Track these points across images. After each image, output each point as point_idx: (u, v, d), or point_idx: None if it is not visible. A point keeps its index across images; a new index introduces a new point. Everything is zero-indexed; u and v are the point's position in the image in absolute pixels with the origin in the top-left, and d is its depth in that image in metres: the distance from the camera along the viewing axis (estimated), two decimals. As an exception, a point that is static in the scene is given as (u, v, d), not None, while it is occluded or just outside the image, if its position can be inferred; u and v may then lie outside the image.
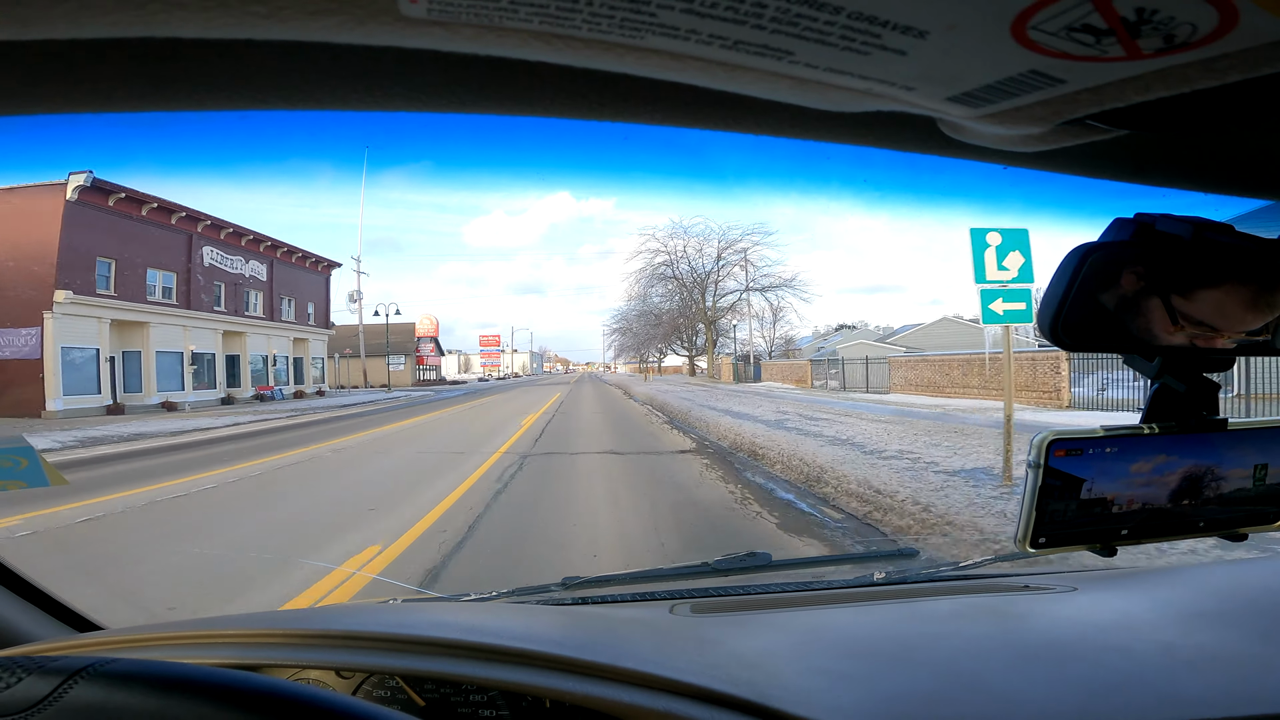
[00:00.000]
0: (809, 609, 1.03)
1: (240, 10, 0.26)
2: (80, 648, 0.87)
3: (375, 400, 23.85)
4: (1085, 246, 0.50)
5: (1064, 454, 0.52)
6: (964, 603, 1.01)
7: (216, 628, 0.87)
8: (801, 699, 0.68)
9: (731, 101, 0.38)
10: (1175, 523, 0.56)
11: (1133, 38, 0.28)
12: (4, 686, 0.46)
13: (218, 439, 11.30)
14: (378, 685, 0.78)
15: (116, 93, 0.39)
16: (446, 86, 0.40)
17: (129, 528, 4.70)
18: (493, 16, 0.27)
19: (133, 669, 0.47)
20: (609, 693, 0.68)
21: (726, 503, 5.26)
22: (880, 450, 7.32)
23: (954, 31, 0.28)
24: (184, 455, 8.98)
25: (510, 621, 0.94)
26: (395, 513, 4.96)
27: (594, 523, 4.57)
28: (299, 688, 0.48)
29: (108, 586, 3.33)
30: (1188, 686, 0.70)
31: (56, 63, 0.36)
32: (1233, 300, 0.50)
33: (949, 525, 4.22)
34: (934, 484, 5.34)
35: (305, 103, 0.40)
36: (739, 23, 0.28)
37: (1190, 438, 0.55)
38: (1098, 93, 0.33)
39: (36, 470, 0.90)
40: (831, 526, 4.48)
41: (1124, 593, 1.02)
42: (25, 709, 0.44)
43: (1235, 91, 0.33)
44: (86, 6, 0.26)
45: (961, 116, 0.38)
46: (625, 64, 0.32)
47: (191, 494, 5.97)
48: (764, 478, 6.41)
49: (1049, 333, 0.51)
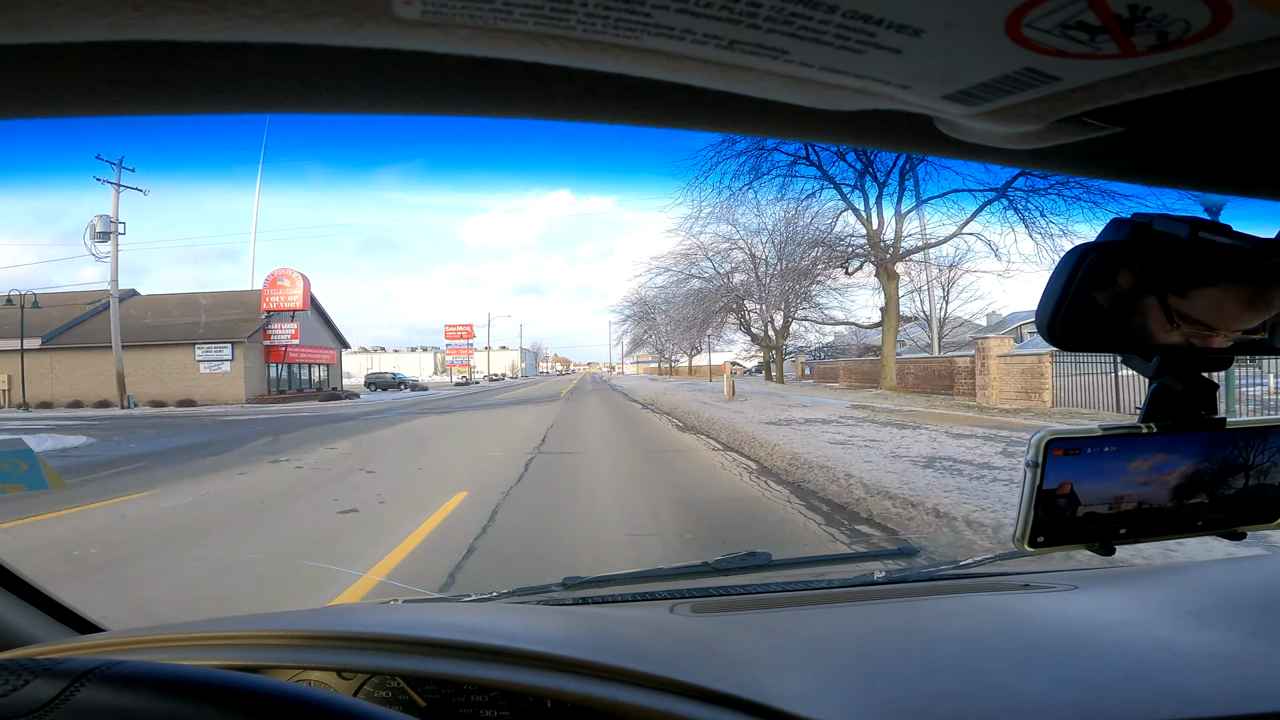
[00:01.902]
0: (810, 608, 1.03)
1: (236, 13, 0.26)
2: (82, 649, 0.87)
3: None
4: (1083, 246, 0.50)
5: (1062, 453, 0.52)
6: (964, 601, 1.01)
7: (217, 629, 0.87)
8: (803, 698, 0.68)
9: (728, 102, 0.38)
10: (1174, 521, 0.56)
11: (1127, 35, 0.29)
12: (11, 689, 0.45)
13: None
14: (379, 686, 0.78)
15: (112, 96, 0.39)
16: (442, 89, 0.40)
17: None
18: (487, 18, 0.27)
19: (140, 671, 0.47)
20: (610, 692, 0.68)
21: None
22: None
23: (949, 30, 0.28)
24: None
25: (511, 622, 0.94)
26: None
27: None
28: (306, 690, 0.48)
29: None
30: (1188, 684, 0.70)
31: (52, 66, 0.36)
32: (1230, 299, 0.50)
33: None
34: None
35: (300, 106, 0.40)
36: (734, 22, 0.28)
37: (1188, 437, 0.55)
38: (1093, 90, 0.34)
39: (36, 473, 0.91)
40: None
41: (1124, 591, 1.02)
42: (32, 711, 0.44)
43: (1230, 88, 0.33)
44: (83, 9, 0.26)
45: (957, 115, 0.38)
46: (621, 65, 0.32)
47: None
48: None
49: (1047, 333, 0.51)
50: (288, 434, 11.97)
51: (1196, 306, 0.50)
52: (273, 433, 12.38)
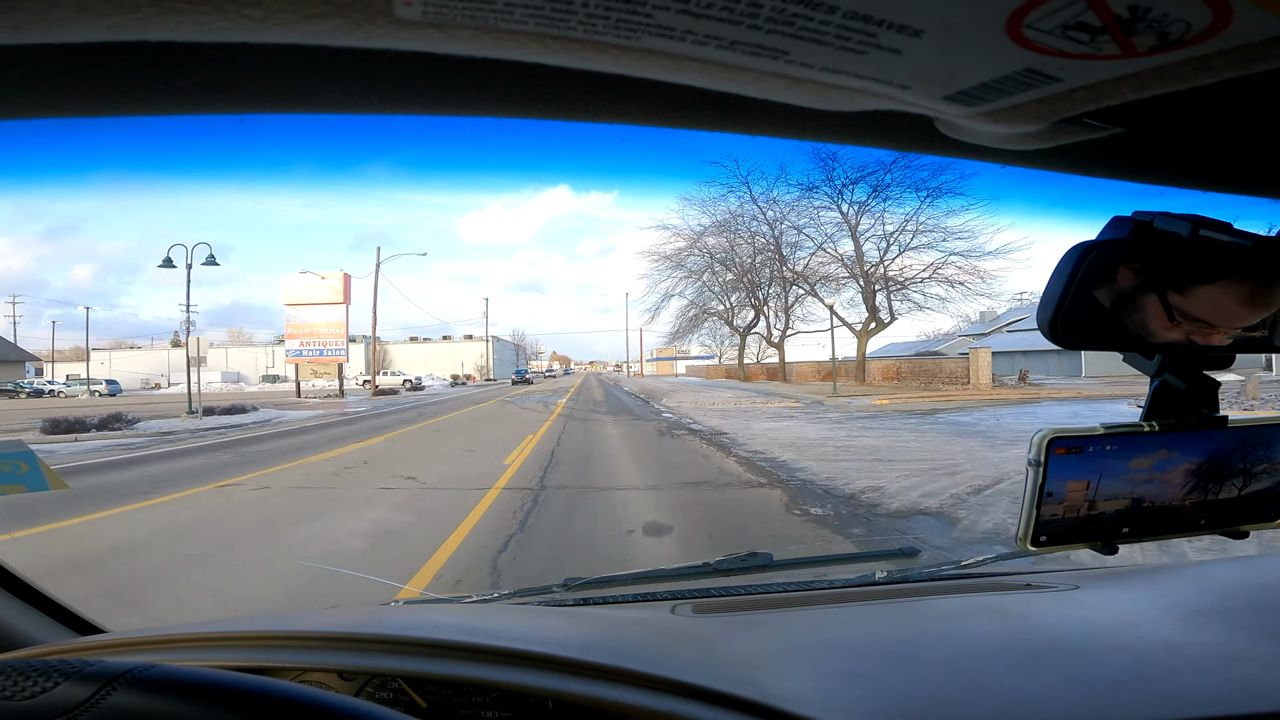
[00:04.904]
0: (811, 609, 1.03)
1: (235, 14, 0.26)
2: (84, 650, 0.87)
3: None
4: (1083, 245, 0.50)
5: (1064, 452, 0.52)
6: (966, 602, 1.01)
7: (219, 630, 0.87)
8: (804, 699, 0.68)
9: (728, 102, 0.38)
10: (1176, 520, 0.56)
11: (1127, 35, 0.28)
12: (40, 690, 0.45)
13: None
14: (380, 687, 0.78)
15: (112, 97, 0.39)
16: (442, 89, 0.40)
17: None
18: (488, 18, 0.27)
19: (173, 675, 0.47)
20: (611, 693, 0.68)
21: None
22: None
23: (949, 30, 0.28)
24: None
25: (512, 622, 0.94)
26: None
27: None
28: (343, 700, 0.48)
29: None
30: (1190, 684, 0.70)
31: (52, 67, 0.36)
32: (1231, 297, 0.50)
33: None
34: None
35: (301, 106, 0.40)
36: (734, 23, 0.28)
37: (1190, 435, 0.55)
38: (1093, 90, 0.34)
39: (36, 475, 0.91)
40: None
41: (1126, 591, 1.02)
42: (62, 714, 0.44)
43: (1230, 88, 0.33)
44: (82, 11, 0.26)
45: (958, 115, 0.38)
46: (621, 65, 0.32)
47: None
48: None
49: (1048, 331, 0.51)
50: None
51: (1198, 304, 0.50)
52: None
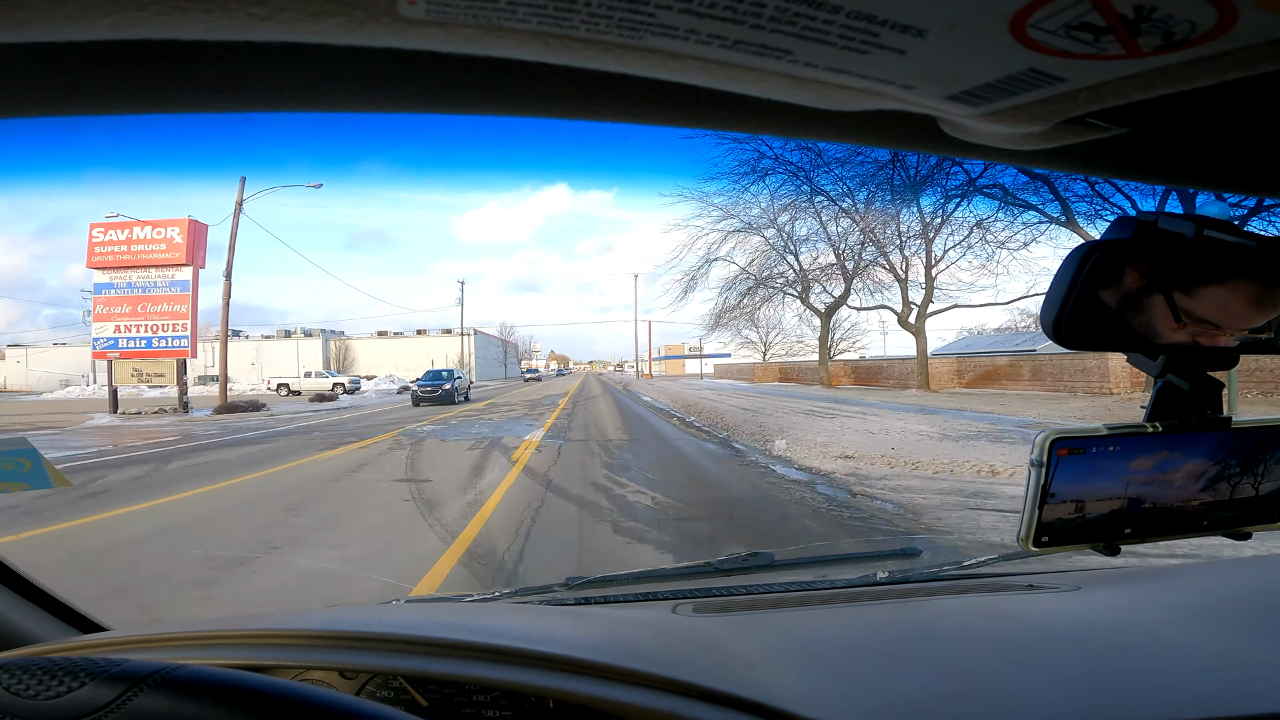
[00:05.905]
0: (812, 608, 1.03)
1: (240, 13, 0.26)
2: (88, 648, 0.87)
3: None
4: (1088, 245, 0.50)
5: (1067, 452, 0.52)
6: (967, 602, 1.01)
7: (221, 629, 0.87)
8: (806, 699, 0.68)
9: (731, 101, 0.38)
10: (1179, 521, 0.56)
11: (1132, 36, 0.28)
12: (66, 690, 0.44)
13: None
14: (381, 686, 0.78)
15: (115, 96, 0.39)
16: (444, 87, 0.40)
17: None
18: (491, 17, 0.27)
19: (200, 676, 0.46)
20: (612, 693, 0.68)
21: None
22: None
23: (953, 30, 0.28)
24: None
25: (513, 622, 0.94)
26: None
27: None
28: (371, 706, 0.48)
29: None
30: (1192, 685, 0.70)
31: (56, 65, 0.36)
32: (1236, 298, 0.50)
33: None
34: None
35: (302, 104, 0.40)
36: (738, 22, 0.28)
37: (1194, 436, 0.55)
38: (1098, 91, 0.33)
39: (40, 472, 0.91)
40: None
41: (1128, 592, 1.02)
42: (88, 715, 0.43)
43: (1235, 89, 0.33)
44: (86, 9, 0.26)
45: (961, 115, 0.38)
46: (624, 64, 0.32)
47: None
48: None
49: (1052, 332, 0.51)
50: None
51: (1202, 305, 0.50)
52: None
